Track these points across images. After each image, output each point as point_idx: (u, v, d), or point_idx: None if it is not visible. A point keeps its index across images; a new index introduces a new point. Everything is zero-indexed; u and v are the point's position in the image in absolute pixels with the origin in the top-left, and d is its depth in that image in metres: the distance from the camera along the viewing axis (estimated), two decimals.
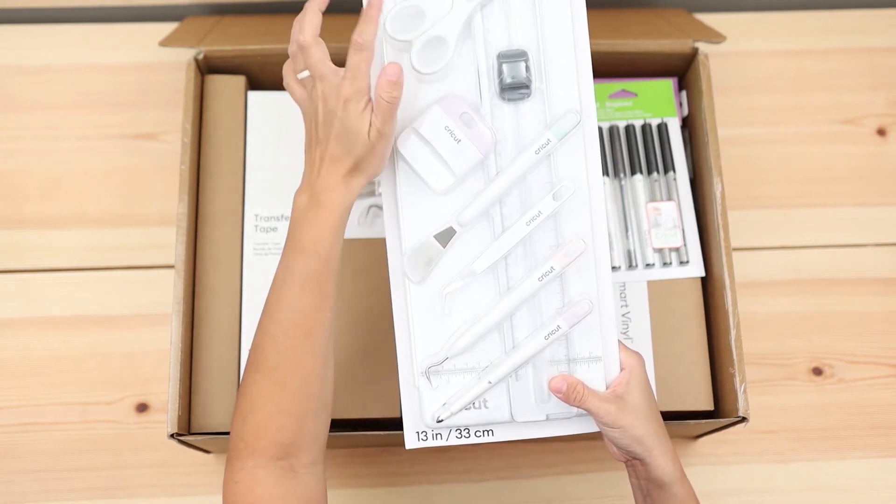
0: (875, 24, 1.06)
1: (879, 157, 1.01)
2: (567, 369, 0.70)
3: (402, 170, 0.69)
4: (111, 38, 1.03)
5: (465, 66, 0.70)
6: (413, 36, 0.68)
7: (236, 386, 0.81)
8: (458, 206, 0.70)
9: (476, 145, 0.69)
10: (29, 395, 0.90)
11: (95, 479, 0.88)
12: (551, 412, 0.70)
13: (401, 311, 0.70)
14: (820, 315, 0.95)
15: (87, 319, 0.93)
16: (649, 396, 0.69)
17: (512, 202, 0.70)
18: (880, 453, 0.91)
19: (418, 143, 0.69)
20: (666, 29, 0.93)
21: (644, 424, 0.67)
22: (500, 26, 0.70)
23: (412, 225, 0.70)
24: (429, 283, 0.70)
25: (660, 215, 0.86)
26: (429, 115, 0.68)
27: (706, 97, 0.86)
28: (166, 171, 0.95)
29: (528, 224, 0.69)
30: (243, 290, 0.83)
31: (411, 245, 0.70)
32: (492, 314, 0.69)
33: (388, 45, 0.69)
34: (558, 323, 0.69)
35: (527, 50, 0.69)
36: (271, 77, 0.90)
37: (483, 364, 0.70)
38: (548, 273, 0.69)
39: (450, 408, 0.69)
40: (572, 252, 0.69)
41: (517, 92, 0.69)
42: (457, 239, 0.70)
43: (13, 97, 1.01)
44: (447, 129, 0.68)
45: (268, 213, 0.85)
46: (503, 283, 0.70)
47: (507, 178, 0.69)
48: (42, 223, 0.96)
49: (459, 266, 0.70)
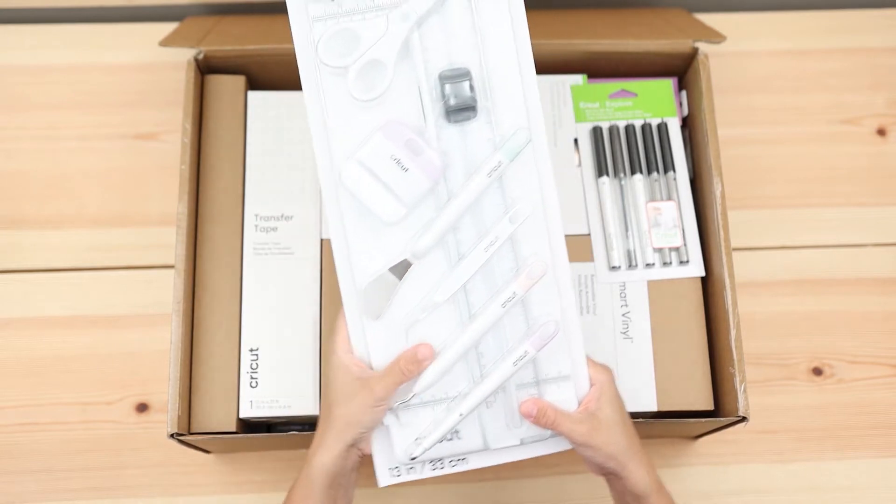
0: (875, 24, 1.06)
1: (879, 157, 1.01)
2: (536, 391, 0.69)
3: (348, 202, 0.66)
4: (111, 38, 1.03)
5: (407, 89, 0.66)
6: (349, 61, 0.65)
7: (236, 386, 0.81)
8: (410, 235, 0.67)
9: (425, 173, 0.66)
10: (29, 395, 0.90)
11: (95, 479, 0.88)
12: (525, 436, 0.69)
13: (360, 348, 0.67)
14: (820, 315, 0.95)
15: (87, 319, 0.93)
16: (620, 411, 0.69)
17: (466, 227, 0.67)
18: (880, 453, 0.91)
19: (363, 175, 0.65)
20: (666, 29, 0.93)
21: (617, 441, 0.67)
22: (439, 44, 0.66)
23: (364, 259, 0.67)
24: (387, 318, 0.67)
25: (660, 215, 0.86)
26: (372, 145, 0.65)
27: (706, 97, 0.86)
28: (166, 171, 0.95)
29: (485, 250, 0.67)
30: (243, 290, 0.83)
31: (365, 281, 0.67)
32: (457, 345, 0.67)
33: (323, 73, 0.65)
34: (525, 348, 0.67)
35: (469, 68, 0.66)
36: (271, 77, 0.90)
37: (451, 394, 0.68)
38: (510, 299, 0.67)
39: (422, 444, 0.68)
40: (534, 275, 0.67)
41: (463, 113, 0.66)
42: (413, 271, 0.67)
43: (13, 97, 1.01)
44: (393, 159, 0.65)
45: (268, 213, 0.85)
46: (464, 310, 0.68)
47: (459, 205, 0.66)
48: (42, 223, 0.96)
49: (417, 297, 0.67)
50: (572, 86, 0.90)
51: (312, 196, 0.86)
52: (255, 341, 0.82)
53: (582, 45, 0.89)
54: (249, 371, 0.81)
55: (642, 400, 0.81)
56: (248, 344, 0.82)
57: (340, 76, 0.65)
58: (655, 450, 0.89)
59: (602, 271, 0.84)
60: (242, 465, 0.89)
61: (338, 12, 0.65)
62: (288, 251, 0.84)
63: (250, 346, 0.82)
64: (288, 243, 0.84)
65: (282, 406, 0.81)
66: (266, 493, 0.88)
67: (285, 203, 0.85)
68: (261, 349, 0.82)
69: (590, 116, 0.89)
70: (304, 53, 0.66)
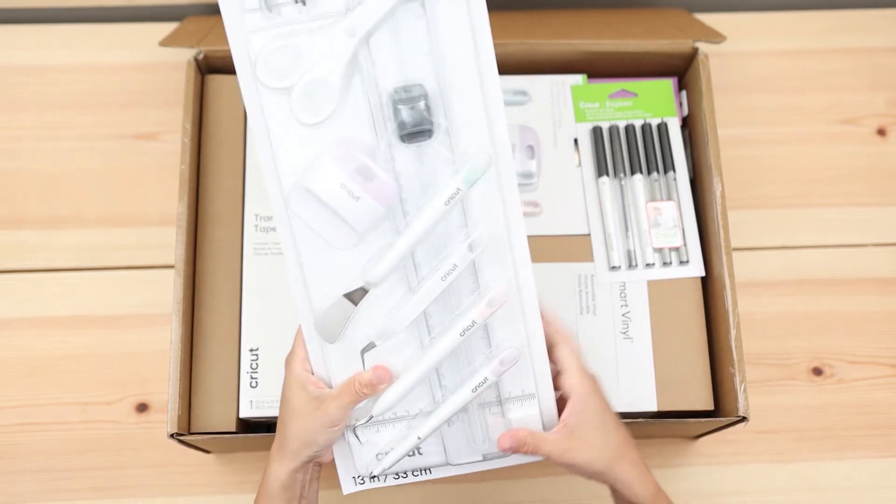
0: (875, 24, 1.06)
1: (879, 157, 1.01)
2: (499, 410, 0.68)
3: (299, 225, 0.63)
4: (111, 38, 1.03)
5: (356, 108, 0.61)
6: (291, 80, 0.60)
7: (236, 386, 0.81)
8: (366, 259, 0.64)
9: (378, 199, 0.62)
10: (29, 395, 0.90)
11: (95, 479, 0.88)
12: (487, 452, 0.69)
13: (319, 366, 0.66)
14: (820, 315, 0.95)
15: (87, 319, 0.93)
16: (605, 423, 0.66)
17: (426, 251, 0.64)
18: (880, 453, 0.91)
19: (311, 203, 0.61)
20: (666, 29, 0.93)
21: (602, 457, 0.65)
22: (390, 59, 0.60)
23: (319, 283, 0.64)
24: (345, 341, 0.65)
25: (660, 215, 0.86)
26: (321, 172, 0.61)
27: (706, 97, 0.86)
28: (166, 171, 0.95)
29: (443, 279, 0.64)
30: (243, 290, 0.83)
31: (321, 305, 0.64)
32: (415, 371, 0.66)
33: (263, 93, 0.60)
34: (486, 375, 0.66)
35: (424, 84, 0.60)
36: None
37: (412, 412, 0.67)
38: (469, 327, 0.65)
39: (382, 462, 0.67)
40: (494, 302, 0.65)
41: (418, 136, 0.61)
42: (370, 294, 0.64)
43: (13, 97, 1.01)
44: (343, 187, 0.61)
45: (268, 213, 0.85)
46: (424, 334, 0.66)
47: (415, 232, 0.63)
48: (42, 223, 0.96)
49: (374, 320, 0.65)
50: (572, 86, 0.90)
51: None
52: (255, 341, 0.82)
53: (582, 45, 0.89)
54: (249, 371, 0.81)
55: (642, 400, 0.81)
56: (248, 344, 0.82)
57: (281, 97, 0.60)
58: (655, 450, 0.89)
59: (602, 271, 0.84)
60: (242, 465, 0.89)
61: (278, 23, 0.59)
62: None
63: (250, 346, 0.82)
64: None
65: None
66: None
67: None
68: (261, 349, 0.82)
69: (590, 116, 0.89)
70: (243, 70, 0.60)
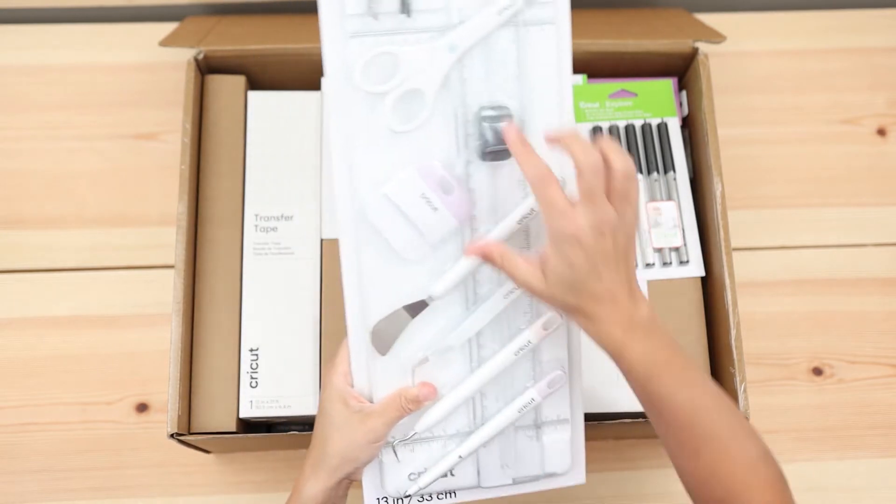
0: (875, 24, 1.06)
1: (879, 157, 1.01)
2: (535, 434, 0.69)
3: (367, 233, 0.63)
4: (111, 38, 1.03)
5: (442, 122, 0.63)
6: (387, 87, 0.61)
7: (236, 386, 0.81)
8: (427, 273, 0.64)
9: (454, 213, 0.63)
10: (29, 395, 0.90)
11: (95, 479, 0.88)
12: (517, 475, 0.69)
13: (361, 380, 0.65)
14: (820, 315, 0.95)
15: (87, 319, 0.93)
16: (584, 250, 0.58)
17: (485, 269, 0.65)
18: (880, 453, 0.91)
19: (389, 210, 0.62)
20: (666, 29, 0.93)
21: (572, 291, 0.59)
22: (480, 78, 0.63)
23: (375, 296, 0.64)
24: (391, 355, 0.65)
25: (660, 215, 0.86)
26: (404, 181, 0.62)
27: (706, 97, 0.86)
28: (166, 171, 0.95)
29: (504, 297, 0.65)
30: (243, 290, 0.83)
31: (377, 317, 0.64)
32: (463, 388, 0.66)
33: (353, 96, 0.61)
34: (532, 395, 0.67)
35: (508, 106, 0.63)
36: (271, 77, 0.90)
37: (449, 432, 0.67)
38: (524, 347, 0.66)
39: (417, 482, 0.67)
40: (550, 324, 0.66)
41: (499, 155, 0.63)
42: (426, 311, 0.65)
43: (13, 97, 1.01)
44: (423, 197, 0.62)
45: (268, 213, 0.85)
46: (474, 353, 0.66)
47: None
48: (42, 223, 0.96)
49: (427, 337, 0.65)
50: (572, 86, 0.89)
51: (312, 196, 0.86)
52: (255, 341, 0.82)
53: (582, 45, 0.89)
54: (249, 371, 0.81)
55: None
56: (248, 344, 0.82)
57: (373, 102, 0.61)
58: (655, 450, 0.89)
59: None
60: (242, 465, 0.89)
61: (377, 31, 0.60)
62: (288, 251, 0.84)
63: (250, 346, 0.82)
64: (288, 243, 0.84)
65: (282, 406, 0.80)
66: (266, 493, 0.88)
67: (285, 203, 0.85)
68: (261, 349, 0.82)
69: (590, 116, 0.89)
70: (334, 71, 0.61)
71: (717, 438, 0.59)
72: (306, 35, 0.90)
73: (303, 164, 0.87)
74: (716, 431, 0.60)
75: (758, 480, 0.59)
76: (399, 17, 0.61)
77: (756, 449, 0.60)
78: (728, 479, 0.59)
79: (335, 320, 0.82)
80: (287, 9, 1.00)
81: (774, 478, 0.60)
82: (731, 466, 0.59)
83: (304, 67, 0.89)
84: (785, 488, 0.60)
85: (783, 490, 0.60)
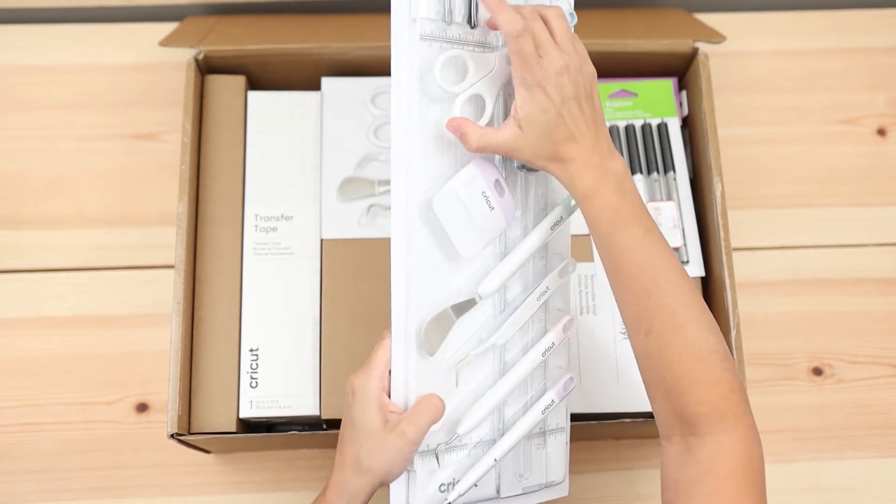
0: (875, 24, 1.06)
1: (879, 157, 1.01)
2: (542, 441, 0.71)
3: (420, 234, 0.64)
4: (111, 38, 1.03)
5: None
6: (457, 90, 0.63)
7: (236, 386, 0.81)
8: (469, 276, 0.66)
9: (504, 214, 0.65)
10: (29, 395, 0.90)
11: (95, 479, 0.88)
12: (527, 485, 0.70)
13: (399, 387, 0.64)
14: (820, 315, 0.95)
15: (87, 319, 0.93)
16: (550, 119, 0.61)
17: (517, 273, 0.68)
18: (880, 453, 0.91)
19: (454, 204, 0.63)
20: (666, 29, 0.93)
21: (546, 136, 0.61)
22: None
23: (422, 297, 0.64)
24: (436, 356, 0.65)
25: (660, 215, 0.86)
26: (467, 177, 0.64)
27: (706, 97, 0.86)
28: (166, 171, 0.95)
29: (538, 299, 0.68)
30: (243, 290, 0.83)
31: (427, 316, 0.64)
32: (499, 388, 0.67)
33: (420, 98, 0.62)
34: (552, 398, 0.69)
35: None
36: (271, 77, 0.90)
37: (474, 440, 0.67)
38: (550, 348, 0.68)
39: (457, 489, 0.66)
40: (568, 327, 0.69)
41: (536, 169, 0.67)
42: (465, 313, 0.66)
43: (13, 97, 1.01)
44: (483, 195, 0.64)
45: (268, 213, 0.85)
46: (499, 357, 0.68)
47: (524, 251, 0.67)
48: (42, 223, 0.96)
49: (463, 338, 0.66)
50: None
51: (312, 196, 0.86)
52: (255, 341, 0.82)
53: None
54: (249, 371, 0.81)
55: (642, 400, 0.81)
56: (248, 344, 0.82)
57: (438, 103, 0.63)
58: (655, 450, 0.89)
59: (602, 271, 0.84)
60: (242, 465, 0.89)
61: (445, 37, 0.63)
62: (288, 251, 0.84)
63: (250, 346, 0.82)
64: (288, 243, 0.84)
65: (282, 406, 0.81)
66: (266, 493, 0.88)
67: (285, 203, 0.85)
68: (261, 349, 0.82)
69: None
70: (399, 70, 0.62)
71: (671, 314, 0.58)
72: (306, 35, 0.90)
73: (303, 164, 0.87)
74: (672, 306, 0.58)
75: (706, 376, 0.57)
76: (464, 28, 0.64)
77: (714, 341, 0.58)
78: (676, 366, 0.58)
79: (335, 320, 0.82)
80: (287, 9, 1.00)
81: (727, 379, 0.57)
82: (680, 351, 0.58)
83: (304, 67, 0.89)
84: (738, 398, 0.57)
85: (735, 399, 0.57)
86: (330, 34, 0.90)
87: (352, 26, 0.89)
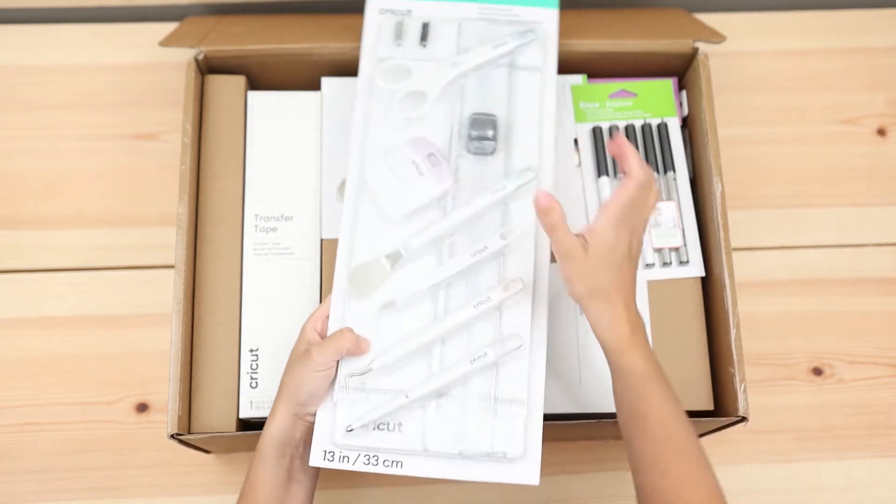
0: (875, 24, 1.06)
1: (879, 157, 1.01)
2: (493, 406, 0.69)
3: (365, 197, 0.76)
4: (111, 38, 1.03)
5: (442, 119, 0.79)
6: (399, 87, 0.79)
7: (236, 386, 0.81)
8: (409, 235, 0.74)
9: (437, 182, 0.75)
10: (29, 395, 0.90)
11: (95, 479, 0.88)
12: (465, 449, 0.68)
13: (336, 326, 0.72)
14: (820, 315, 0.95)
15: (87, 319, 0.93)
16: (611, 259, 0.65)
17: (462, 239, 0.74)
18: (880, 453, 0.91)
19: (384, 171, 0.76)
20: (666, 29, 0.93)
21: (590, 282, 0.65)
22: (475, 96, 0.80)
23: (365, 249, 0.74)
24: (369, 303, 0.73)
25: (660, 215, 0.86)
26: (399, 149, 0.77)
27: (706, 97, 0.86)
28: (166, 171, 0.95)
29: (472, 256, 0.72)
30: (243, 290, 0.83)
31: (359, 261, 0.73)
32: (423, 334, 0.71)
33: (376, 94, 0.79)
34: (486, 350, 0.69)
35: (496, 115, 0.78)
36: (271, 77, 0.90)
37: (406, 387, 0.70)
38: (483, 302, 0.71)
39: (363, 419, 0.68)
40: (511, 287, 0.71)
41: (482, 143, 0.77)
42: (404, 266, 0.73)
43: (13, 97, 1.01)
44: (413, 163, 0.76)
45: (268, 213, 0.85)
46: (441, 311, 0.72)
47: (459, 215, 0.74)
48: (42, 223, 0.96)
49: (399, 286, 0.73)
50: (572, 86, 0.90)
51: (312, 196, 0.86)
52: (255, 341, 0.82)
53: (582, 45, 0.89)
54: (249, 371, 0.81)
55: None
56: (248, 344, 0.82)
57: (390, 97, 0.79)
58: None
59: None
60: (242, 465, 0.89)
61: (400, 53, 0.81)
62: (288, 251, 0.84)
63: (250, 346, 0.82)
64: (288, 243, 0.84)
65: None
66: None
67: (285, 203, 0.85)
68: (261, 349, 0.82)
69: (590, 116, 0.89)
70: (365, 77, 0.80)
71: (687, 461, 0.64)
72: (306, 35, 0.90)
73: (303, 164, 0.87)
74: (688, 453, 0.65)
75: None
76: (418, 47, 0.82)
77: (715, 480, 0.65)
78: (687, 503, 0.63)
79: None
80: (287, 9, 1.00)
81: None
82: (693, 491, 0.64)
83: (304, 67, 0.89)
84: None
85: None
86: (330, 34, 0.90)
87: (352, 26, 0.89)
